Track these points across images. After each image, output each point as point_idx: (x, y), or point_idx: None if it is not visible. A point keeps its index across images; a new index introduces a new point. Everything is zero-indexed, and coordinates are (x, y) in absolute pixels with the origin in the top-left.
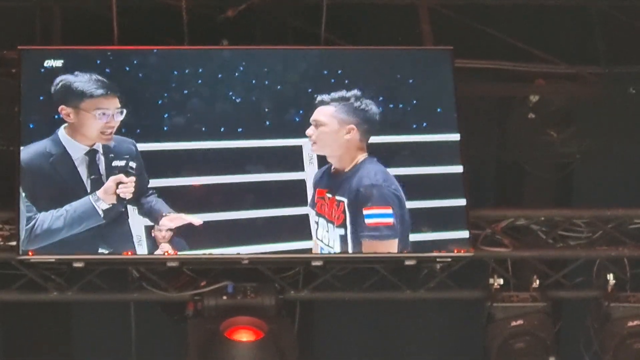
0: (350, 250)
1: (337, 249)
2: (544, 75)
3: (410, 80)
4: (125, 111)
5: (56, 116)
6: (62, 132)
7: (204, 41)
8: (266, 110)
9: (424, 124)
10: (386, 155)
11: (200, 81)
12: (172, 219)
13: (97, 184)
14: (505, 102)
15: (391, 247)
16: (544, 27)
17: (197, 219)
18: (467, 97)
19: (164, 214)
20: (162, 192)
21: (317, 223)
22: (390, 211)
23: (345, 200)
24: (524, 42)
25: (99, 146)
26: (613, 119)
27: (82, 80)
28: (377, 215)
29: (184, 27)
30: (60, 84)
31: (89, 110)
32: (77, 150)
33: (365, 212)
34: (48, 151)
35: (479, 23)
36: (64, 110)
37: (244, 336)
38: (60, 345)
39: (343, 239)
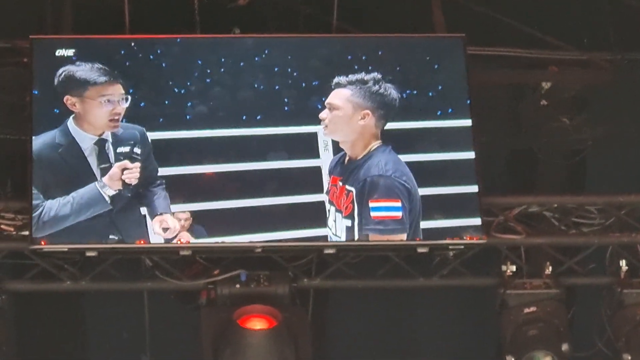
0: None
1: (343, 239)
2: (557, 62)
3: (427, 66)
4: (129, 98)
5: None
6: (70, 123)
7: (216, 29)
8: (287, 98)
9: (439, 112)
10: (399, 142)
11: (222, 70)
12: (161, 221)
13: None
14: (517, 89)
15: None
16: (556, 14)
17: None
18: (479, 84)
19: (158, 213)
20: (181, 180)
21: (329, 211)
22: (398, 204)
23: (354, 190)
24: (536, 29)
25: (108, 135)
26: (625, 105)
27: (84, 69)
28: (384, 208)
29: (196, 15)
30: (63, 75)
31: (93, 97)
32: (85, 140)
33: (371, 204)
34: (57, 142)
35: (491, 10)
36: (69, 100)
37: (258, 324)
38: (74, 334)
39: (350, 230)
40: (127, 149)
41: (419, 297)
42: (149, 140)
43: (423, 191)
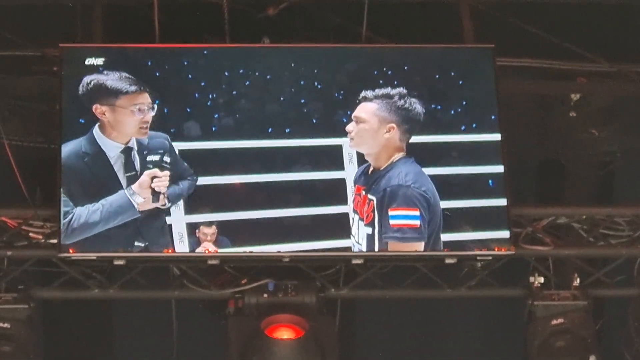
0: (376, 250)
1: (364, 247)
2: (586, 73)
3: (453, 79)
4: (156, 107)
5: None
6: (96, 131)
7: (245, 39)
8: (313, 110)
9: (463, 127)
10: (424, 155)
11: (248, 82)
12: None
13: (134, 181)
14: (546, 101)
15: (415, 249)
16: (585, 25)
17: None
18: (508, 95)
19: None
20: (206, 190)
21: (353, 219)
22: (416, 213)
23: (375, 200)
24: (565, 40)
25: (133, 143)
26: None
27: (113, 79)
28: (402, 216)
29: (225, 24)
30: (92, 83)
31: (125, 106)
32: (112, 149)
33: (390, 212)
34: (83, 151)
35: (520, 21)
36: (98, 109)
37: (285, 334)
38: (101, 343)
39: (370, 237)
40: (157, 157)
41: (447, 307)
42: (175, 149)
43: (451, 204)
